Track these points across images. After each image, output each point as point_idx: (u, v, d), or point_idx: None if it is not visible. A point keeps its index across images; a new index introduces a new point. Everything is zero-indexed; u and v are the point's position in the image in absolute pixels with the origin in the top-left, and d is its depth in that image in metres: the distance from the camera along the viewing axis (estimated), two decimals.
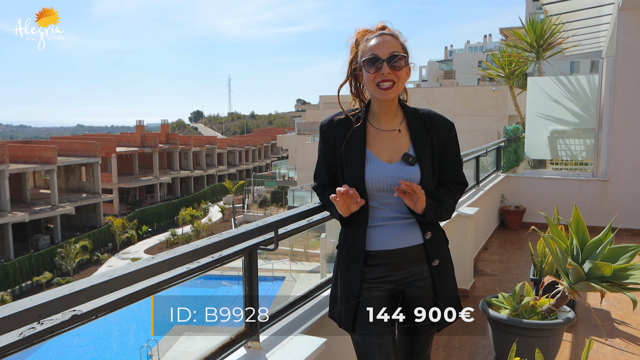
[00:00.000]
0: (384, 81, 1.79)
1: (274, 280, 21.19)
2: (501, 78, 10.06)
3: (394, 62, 1.78)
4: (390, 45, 1.80)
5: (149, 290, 1.49)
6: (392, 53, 1.79)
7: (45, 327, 1.20)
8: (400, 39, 1.86)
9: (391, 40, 1.82)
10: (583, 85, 7.49)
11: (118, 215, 39.90)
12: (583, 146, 7.70)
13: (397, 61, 1.79)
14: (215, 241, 1.64)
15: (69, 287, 1.17)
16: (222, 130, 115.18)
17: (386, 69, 1.78)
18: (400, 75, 1.80)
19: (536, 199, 7.41)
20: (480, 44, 71.38)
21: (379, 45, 1.80)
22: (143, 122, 51.88)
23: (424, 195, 1.78)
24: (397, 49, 1.81)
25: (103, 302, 1.34)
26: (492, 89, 26.92)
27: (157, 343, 12.26)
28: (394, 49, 1.80)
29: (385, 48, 1.79)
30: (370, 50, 1.81)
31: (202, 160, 57.06)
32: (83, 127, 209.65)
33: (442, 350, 3.66)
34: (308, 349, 2.00)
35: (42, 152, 35.62)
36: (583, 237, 3.12)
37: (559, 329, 3.13)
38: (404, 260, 1.88)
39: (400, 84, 1.82)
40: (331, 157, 1.93)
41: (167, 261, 1.42)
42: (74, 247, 29.89)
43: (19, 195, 35.23)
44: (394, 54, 1.79)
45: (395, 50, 1.80)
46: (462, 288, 4.73)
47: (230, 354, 1.93)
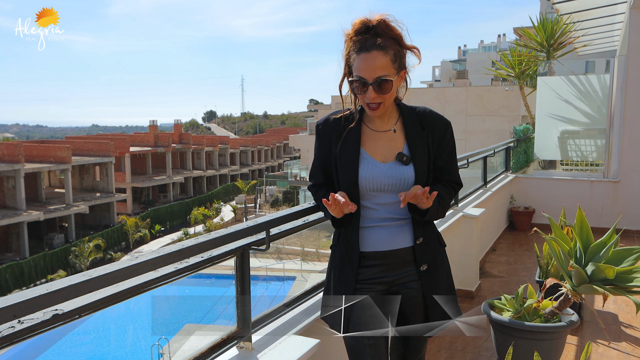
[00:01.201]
0: (370, 103, 1.76)
1: (284, 280, 21.21)
2: (511, 78, 9.97)
3: (379, 86, 1.73)
4: (377, 67, 1.72)
5: (134, 290, 1.48)
6: (377, 78, 1.72)
7: (26, 326, 1.20)
8: (394, 46, 1.76)
9: (379, 58, 1.72)
10: (594, 85, 7.39)
11: (131, 215, 40.19)
12: (594, 147, 7.60)
13: (383, 86, 1.73)
14: (201, 241, 1.63)
15: (46, 286, 1.17)
16: (235, 130, 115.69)
17: (371, 94, 1.74)
18: (387, 97, 1.76)
19: (546, 200, 7.33)
20: (494, 43, 70.87)
21: (365, 66, 1.72)
22: (156, 122, 52.25)
23: (429, 197, 1.73)
24: (384, 70, 1.72)
25: (86, 302, 1.34)
26: (505, 89, 26.69)
27: (168, 342, 12.33)
28: (380, 72, 1.72)
29: (371, 70, 1.72)
30: (357, 70, 1.75)
31: (214, 160, 57.32)
32: (98, 127, 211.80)
33: (445, 352, 3.63)
34: (300, 349, 1.99)
35: (56, 151, 36.01)
36: (587, 239, 3.07)
37: (561, 332, 3.09)
38: (397, 261, 1.86)
39: (387, 102, 1.79)
40: (326, 157, 1.92)
41: (151, 261, 1.42)
42: (87, 246, 30.19)
43: (34, 194, 35.66)
44: (380, 79, 1.72)
45: (381, 75, 1.72)
46: (467, 289, 4.69)
47: (222, 354, 1.92)
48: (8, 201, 33.02)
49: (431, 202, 1.73)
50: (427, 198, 1.72)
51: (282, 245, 27.20)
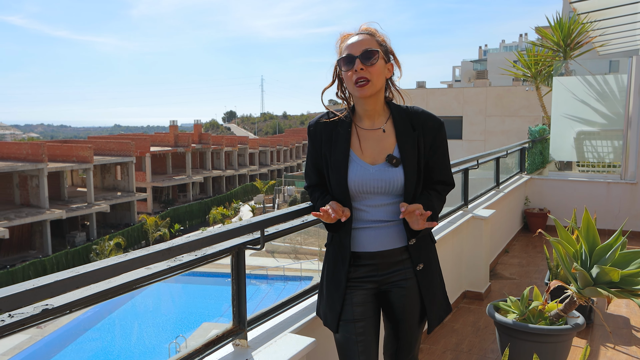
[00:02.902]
0: (359, 79, 1.79)
1: (301, 280, 21.28)
2: (528, 78, 9.85)
3: (367, 58, 1.78)
4: (363, 43, 1.80)
5: (125, 286, 1.52)
6: (364, 49, 1.79)
7: (16, 319, 1.25)
8: (377, 37, 1.85)
9: (366, 38, 1.82)
10: (611, 85, 7.27)
11: (151, 214, 40.70)
12: (611, 148, 7.47)
13: (369, 56, 1.78)
14: (192, 240, 1.67)
15: (33, 281, 1.21)
16: (255, 130, 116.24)
17: (358, 65, 1.78)
18: (374, 71, 1.79)
19: (561, 202, 7.24)
20: (516, 43, 70.01)
21: (352, 45, 1.81)
22: (177, 122, 52.83)
23: (424, 219, 1.74)
24: (370, 45, 1.80)
25: (76, 297, 1.38)
26: (525, 89, 26.36)
27: (185, 340, 12.48)
28: (367, 46, 1.80)
29: (358, 46, 1.80)
30: (345, 50, 1.83)
31: (234, 160, 57.70)
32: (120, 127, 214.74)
33: (450, 353, 3.62)
34: (295, 347, 2.01)
35: (79, 151, 36.63)
36: (593, 241, 3.04)
37: (566, 335, 3.06)
38: (387, 261, 1.88)
39: (376, 80, 1.80)
40: (318, 158, 1.94)
41: (139, 259, 1.46)
42: (108, 244, 30.66)
43: (57, 193, 36.32)
44: (366, 50, 1.78)
45: (368, 47, 1.79)
46: (477, 291, 4.66)
47: (217, 351, 1.95)
48: (32, 200, 33.69)
49: (423, 225, 1.74)
50: (421, 220, 1.73)
51: (300, 245, 27.29)
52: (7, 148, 35.80)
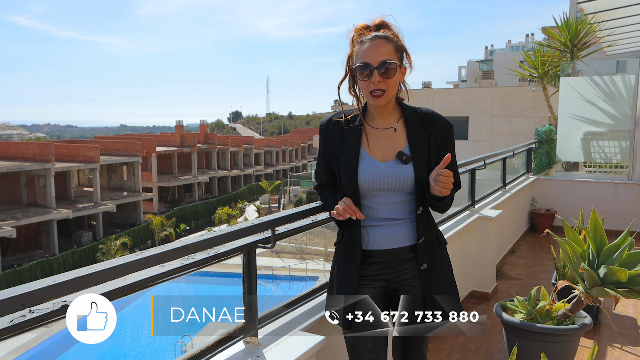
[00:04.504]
0: (375, 90, 1.80)
1: (307, 280, 21.29)
2: (534, 78, 9.85)
3: (384, 70, 1.77)
4: (381, 52, 1.78)
5: (140, 283, 1.55)
6: (382, 61, 1.78)
7: (36, 315, 1.28)
8: (395, 39, 1.83)
9: (383, 44, 1.80)
10: (619, 86, 7.26)
11: (157, 213, 40.83)
12: (618, 148, 7.46)
13: (388, 69, 1.78)
14: (206, 238, 1.70)
15: (54, 278, 1.25)
16: (260, 130, 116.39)
17: (376, 78, 1.77)
18: (390, 82, 1.79)
19: (568, 202, 7.23)
20: (522, 43, 69.74)
21: (370, 52, 1.79)
22: (182, 122, 52.94)
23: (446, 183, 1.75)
24: (388, 55, 1.79)
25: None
26: (532, 89, 26.28)
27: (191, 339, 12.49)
28: (385, 56, 1.78)
29: (376, 55, 1.78)
30: (362, 57, 1.80)
31: (239, 160, 57.81)
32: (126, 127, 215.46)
33: (457, 353, 3.63)
34: (305, 345, 2.04)
35: (85, 151, 36.79)
36: (600, 242, 3.05)
37: (573, 335, 3.07)
38: (395, 259, 1.90)
39: (392, 90, 1.82)
40: (329, 157, 1.96)
41: (155, 256, 1.49)
42: (114, 244, 30.79)
43: (64, 192, 36.50)
44: (384, 62, 1.78)
45: (386, 58, 1.78)
46: (483, 291, 4.68)
47: (228, 348, 1.98)
48: (39, 199, 33.88)
49: (448, 189, 1.75)
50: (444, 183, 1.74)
51: (305, 245, 27.31)
52: (14, 148, 36.02)
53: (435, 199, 1.83)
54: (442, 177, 1.74)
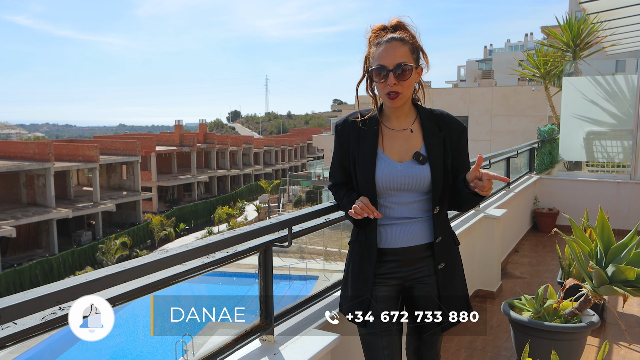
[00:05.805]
0: (390, 91, 1.82)
1: (307, 279, 21.32)
2: (537, 78, 9.87)
3: (400, 72, 1.79)
4: (397, 54, 1.80)
5: (164, 281, 1.58)
6: (397, 63, 1.80)
7: (66, 312, 1.30)
8: (411, 40, 1.85)
9: (399, 47, 1.81)
10: (621, 85, 7.29)
11: (157, 213, 40.81)
12: (620, 148, 7.49)
13: (403, 71, 1.80)
14: (227, 237, 1.72)
15: (85, 276, 1.27)
16: (259, 130, 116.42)
17: (392, 80, 1.80)
18: (406, 84, 1.82)
19: (570, 202, 7.26)
20: (521, 42, 69.73)
21: (386, 54, 1.81)
22: (182, 121, 52.90)
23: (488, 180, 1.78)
24: (404, 57, 1.81)
25: (119, 292, 1.43)
26: (532, 89, 26.31)
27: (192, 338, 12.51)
28: (401, 59, 1.80)
29: (391, 57, 1.80)
30: (378, 59, 1.83)
31: (238, 160, 57.83)
32: (125, 127, 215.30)
33: (464, 351, 3.66)
34: (320, 343, 2.07)
35: (85, 150, 36.77)
36: (608, 240, 3.08)
37: (581, 333, 3.09)
38: (411, 257, 1.92)
39: (408, 92, 1.84)
40: (345, 157, 1.98)
41: (180, 255, 1.51)
42: (114, 243, 30.79)
43: (63, 192, 36.48)
44: (400, 65, 1.80)
45: (402, 61, 1.80)
46: (488, 290, 4.70)
47: (245, 346, 2.00)
48: (38, 199, 33.87)
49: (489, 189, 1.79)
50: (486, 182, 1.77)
51: (305, 245, 27.33)
52: (14, 147, 36.00)
53: (475, 195, 1.84)
54: (486, 175, 1.77)
